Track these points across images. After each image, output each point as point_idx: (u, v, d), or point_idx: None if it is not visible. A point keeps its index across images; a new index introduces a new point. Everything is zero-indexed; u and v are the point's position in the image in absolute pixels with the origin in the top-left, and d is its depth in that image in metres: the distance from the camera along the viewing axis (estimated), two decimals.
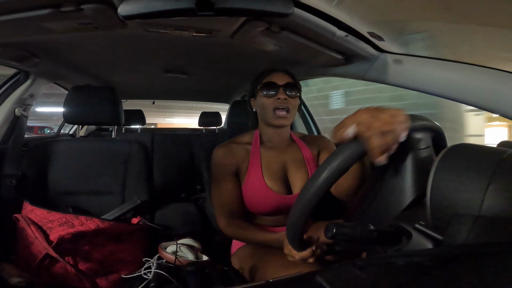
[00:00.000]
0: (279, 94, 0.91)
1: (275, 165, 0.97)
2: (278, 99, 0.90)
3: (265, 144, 1.01)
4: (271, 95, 0.91)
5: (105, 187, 1.19)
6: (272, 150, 0.99)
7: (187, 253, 1.04)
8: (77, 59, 1.37)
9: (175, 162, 2.41)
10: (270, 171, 0.96)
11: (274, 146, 1.00)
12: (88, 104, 1.20)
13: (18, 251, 0.99)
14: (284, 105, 0.91)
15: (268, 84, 0.92)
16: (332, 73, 1.21)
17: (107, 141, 1.26)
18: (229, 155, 0.97)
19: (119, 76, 1.79)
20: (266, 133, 1.01)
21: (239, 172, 0.97)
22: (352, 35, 0.86)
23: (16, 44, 1.04)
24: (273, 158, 0.98)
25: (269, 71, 0.97)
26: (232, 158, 0.96)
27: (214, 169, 0.98)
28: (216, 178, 0.97)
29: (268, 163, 0.97)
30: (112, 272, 0.99)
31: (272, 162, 0.97)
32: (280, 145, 1.01)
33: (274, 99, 0.91)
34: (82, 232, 0.95)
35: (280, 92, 0.91)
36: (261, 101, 0.94)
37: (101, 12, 0.73)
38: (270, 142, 1.01)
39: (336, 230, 0.45)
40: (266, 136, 1.01)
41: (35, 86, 1.36)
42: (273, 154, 0.99)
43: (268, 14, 0.64)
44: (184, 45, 1.16)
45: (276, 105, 0.91)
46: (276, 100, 0.91)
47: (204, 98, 2.58)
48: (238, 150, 0.98)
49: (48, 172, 1.16)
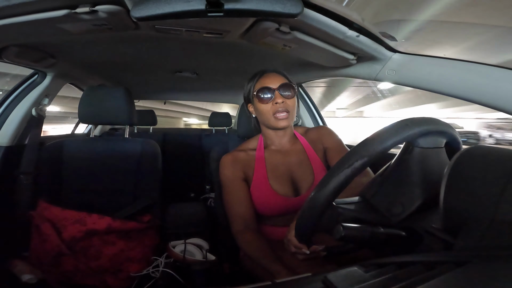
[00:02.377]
0: (276, 98, 0.90)
1: (280, 168, 0.97)
2: (276, 103, 0.90)
3: (269, 148, 1.01)
4: (268, 100, 0.91)
5: (117, 186, 1.21)
6: (277, 153, 1.00)
7: (195, 252, 1.05)
8: (91, 60, 1.40)
9: (185, 162, 2.44)
10: (275, 174, 0.96)
11: (278, 149, 1.01)
12: (103, 104, 1.23)
13: (31, 248, 1.02)
14: (282, 108, 0.90)
15: (262, 89, 0.91)
16: (344, 74, 1.20)
17: (120, 141, 1.28)
18: (236, 163, 0.98)
19: (131, 77, 1.83)
20: (269, 136, 1.01)
21: (247, 178, 0.98)
22: (364, 35, 0.85)
23: (33, 45, 1.07)
24: (278, 161, 0.98)
25: (260, 74, 0.96)
26: (239, 164, 0.97)
27: (223, 178, 0.98)
28: (226, 186, 0.98)
29: (273, 167, 0.97)
30: (121, 270, 1.00)
31: (277, 165, 0.98)
32: (284, 147, 1.01)
33: (272, 104, 0.91)
34: (94, 230, 0.97)
35: (276, 95, 0.90)
36: (259, 107, 0.94)
37: (114, 14, 0.75)
38: (274, 145, 1.01)
39: (345, 231, 0.44)
40: (270, 139, 1.01)
41: (52, 86, 1.40)
42: (277, 157, 0.99)
43: (278, 14, 0.64)
44: (195, 46, 1.17)
45: (275, 109, 0.90)
46: (274, 105, 0.90)
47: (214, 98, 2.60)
48: (244, 157, 0.99)
49: (63, 170, 1.19)
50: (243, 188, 0.96)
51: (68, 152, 1.21)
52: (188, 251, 1.03)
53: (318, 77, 1.41)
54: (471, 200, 0.37)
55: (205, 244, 1.14)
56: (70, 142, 1.24)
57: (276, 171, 0.97)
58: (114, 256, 0.99)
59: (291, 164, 0.98)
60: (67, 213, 1.00)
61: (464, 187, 0.38)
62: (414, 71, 0.91)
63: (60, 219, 0.99)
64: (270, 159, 0.98)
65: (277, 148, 1.01)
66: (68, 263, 0.95)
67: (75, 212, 1.00)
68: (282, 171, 0.97)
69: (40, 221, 0.98)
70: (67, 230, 0.97)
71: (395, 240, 0.46)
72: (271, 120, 0.92)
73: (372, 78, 1.06)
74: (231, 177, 0.96)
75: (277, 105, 0.90)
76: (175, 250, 1.03)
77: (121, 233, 1.02)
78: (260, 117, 0.97)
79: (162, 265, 0.95)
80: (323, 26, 0.78)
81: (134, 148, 1.26)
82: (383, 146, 0.45)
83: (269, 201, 0.94)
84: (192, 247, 1.07)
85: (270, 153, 1.00)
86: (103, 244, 0.99)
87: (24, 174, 1.14)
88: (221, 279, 0.97)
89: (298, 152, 1.00)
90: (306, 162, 0.99)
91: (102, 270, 0.97)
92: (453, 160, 0.41)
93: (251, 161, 0.98)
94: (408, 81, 0.93)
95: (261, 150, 0.99)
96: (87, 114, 1.23)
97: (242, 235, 0.89)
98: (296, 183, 0.97)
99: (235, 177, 0.96)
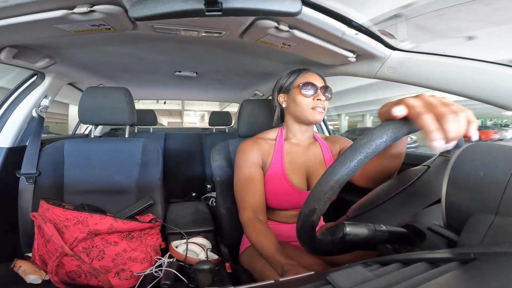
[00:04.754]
0: (318, 95, 0.96)
1: (297, 161, 1.01)
2: (318, 99, 0.95)
3: (289, 140, 1.04)
4: (310, 95, 0.96)
5: (119, 186, 1.22)
6: (296, 146, 1.03)
7: (197, 251, 1.05)
8: (90, 60, 1.40)
9: (186, 162, 2.44)
10: (292, 166, 0.99)
11: (298, 143, 1.04)
12: (102, 105, 1.23)
13: (34, 249, 1.02)
14: (322, 105, 0.96)
15: (308, 83, 0.96)
16: (343, 72, 1.20)
17: (120, 141, 1.28)
18: (256, 148, 1.00)
19: (130, 77, 1.82)
20: (293, 129, 1.04)
21: (263, 166, 1.00)
22: (363, 33, 0.85)
23: (31, 46, 1.07)
24: (296, 154, 1.02)
25: (305, 71, 1.01)
26: (258, 150, 1.00)
27: (241, 162, 0.99)
28: (241, 171, 0.98)
29: (291, 159, 1.00)
30: (124, 270, 1.01)
31: (294, 157, 1.01)
32: (304, 142, 1.05)
33: (313, 99, 0.96)
34: (96, 231, 0.98)
35: (318, 93, 0.96)
36: (298, 99, 0.97)
37: (112, 14, 0.74)
38: (294, 138, 1.04)
39: (347, 230, 0.44)
40: (292, 132, 1.04)
41: (51, 87, 1.40)
42: (296, 150, 1.03)
43: (277, 13, 0.64)
44: (194, 45, 1.17)
45: (314, 104, 0.96)
46: (315, 100, 0.96)
47: (214, 97, 2.59)
48: (264, 144, 1.02)
49: (64, 171, 1.19)
50: (259, 174, 0.98)
51: (69, 153, 1.21)
52: (190, 251, 1.04)
53: None
54: (473, 197, 0.37)
55: (207, 243, 1.14)
56: (71, 142, 1.24)
57: (293, 163, 1.00)
58: (117, 256, 0.99)
59: (307, 160, 1.02)
60: (69, 214, 1.00)
61: (466, 183, 0.38)
62: (413, 68, 0.91)
63: (62, 220, 0.99)
64: (289, 150, 1.02)
65: (297, 142, 1.04)
66: (71, 263, 0.95)
67: (77, 212, 1.00)
68: (299, 164, 1.01)
69: (42, 222, 0.99)
70: (69, 231, 0.97)
71: (398, 238, 0.46)
72: (308, 112, 0.96)
73: (372, 76, 1.06)
74: (249, 162, 0.98)
75: (318, 101, 0.95)
76: (178, 249, 1.03)
77: (123, 234, 1.02)
78: (295, 109, 0.99)
79: (165, 264, 0.95)
80: (322, 24, 0.78)
81: (135, 148, 1.26)
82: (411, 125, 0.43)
83: (282, 190, 0.96)
84: (194, 246, 1.07)
85: (289, 145, 1.03)
86: (106, 244, 0.99)
87: (25, 175, 1.15)
88: (224, 278, 0.97)
89: (315, 151, 1.05)
90: (321, 161, 1.03)
91: (105, 270, 0.98)
92: (455, 156, 0.41)
93: (270, 149, 1.02)
94: (408, 79, 0.93)
95: (281, 141, 1.03)
96: (87, 115, 1.23)
97: (253, 223, 0.89)
98: (309, 178, 1.01)
99: (253, 162, 0.98)
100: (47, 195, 1.14)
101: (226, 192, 1.17)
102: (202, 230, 1.26)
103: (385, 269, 0.33)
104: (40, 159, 1.18)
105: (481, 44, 0.83)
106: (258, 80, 1.89)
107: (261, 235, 0.83)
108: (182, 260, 0.99)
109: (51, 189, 1.17)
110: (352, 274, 0.31)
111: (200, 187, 2.37)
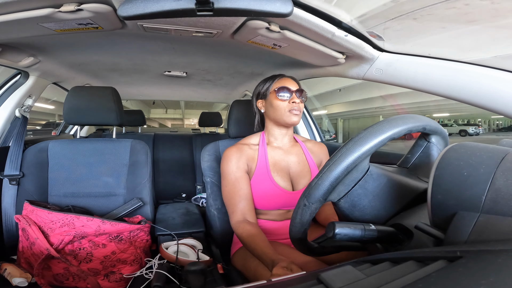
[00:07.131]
0: (293, 98, 1.01)
1: (281, 163, 1.05)
2: (293, 102, 1.01)
3: (271, 144, 1.08)
4: (286, 98, 1.01)
5: (106, 188, 1.19)
6: (278, 150, 1.07)
7: (188, 253, 1.04)
8: (77, 59, 1.36)
9: (175, 162, 2.41)
10: (277, 168, 1.03)
11: (280, 146, 1.08)
12: (89, 104, 1.20)
13: (19, 251, 1.00)
14: (297, 108, 1.01)
15: (283, 88, 1.02)
16: (333, 73, 1.21)
17: (107, 141, 1.25)
18: (239, 154, 1.03)
19: (118, 76, 1.79)
20: (274, 133, 1.08)
21: (249, 171, 1.03)
22: (352, 35, 0.86)
23: (16, 44, 1.04)
24: (279, 157, 1.05)
25: (280, 76, 1.06)
26: (243, 156, 1.03)
27: (227, 169, 1.02)
28: (228, 178, 1.02)
29: (275, 161, 1.04)
30: (114, 272, 0.99)
31: (278, 160, 1.05)
32: (285, 145, 1.08)
33: (289, 102, 1.01)
34: (83, 233, 0.96)
35: (293, 96, 1.02)
36: (275, 103, 1.03)
37: (100, 13, 0.73)
38: (276, 142, 1.08)
39: (337, 229, 0.45)
40: (274, 135, 1.08)
41: (35, 86, 1.36)
42: (279, 153, 1.06)
43: (268, 14, 0.64)
44: (184, 45, 1.16)
45: (291, 107, 1.01)
46: (290, 104, 1.01)
47: (204, 97, 2.57)
48: (247, 150, 1.05)
49: (49, 172, 1.16)
50: (245, 179, 1.01)
51: (53, 154, 1.18)
52: (181, 252, 1.03)
53: (308, 76, 1.42)
54: (457, 196, 0.38)
55: (198, 244, 1.13)
56: (56, 143, 1.20)
57: (277, 165, 1.04)
58: (105, 259, 0.98)
59: (290, 161, 1.06)
60: (54, 216, 0.97)
61: (450, 182, 0.39)
62: (400, 70, 0.93)
63: (47, 222, 0.97)
64: (272, 153, 1.06)
65: (279, 145, 1.08)
66: (58, 266, 0.93)
67: (62, 214, 0.98)
68: (283, 166, 1.05)
69: (26, 224, 0.96)
70: (55, 233, 0.95)
71: (386, 237, 0.47)
72: (285, 115, 1.01)
73: (361, 77, 1.07)
74: (235, 168, 1.01)
75: (293, 104, 1.01)
76: (168, 251, 1.02)
77: (111, 235, 1.00)
78: (273, 113, 1.04)
79: (155, 266, 0.94)
80: (313, 25, 0.79)
81: (123, 148, 1.23)
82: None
83: (269, 192, 1.00)
84: (185, 247, 1.06)
85: (272, 149, 1.07)
86: (94, 246, 0.97)
87: (8, 176, 1.11)
88: (215, 279, 0.97)
89: (297, 152, 1.09)
90: (304, 162, 1.07)
91: (94, 272, 0.96)
92: (440, 156, 0.42)
93: (254, 154, 1.05)
94: (395, 80, 0.95)
95: (264, 145, 1.07)
96: (73, 115, 1.20)
97: (242, 225, 0.94)
98: (294, 179, 1.04)
99: (238, 167, 1.02)
100: (31, 197, 1.11)
101: (216, 193, 1.16)
102: (192, 231, 1.25)
103: (375, 268, 0.33)
104: (23, 160, 1.14)
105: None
106: (248, 80, 1.89)
107: (252, 235, 0.88)
108: (173, 261, 0.98)
109: (35, 191, 1.13)
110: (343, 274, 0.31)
111: (190, 188, 2.35)
